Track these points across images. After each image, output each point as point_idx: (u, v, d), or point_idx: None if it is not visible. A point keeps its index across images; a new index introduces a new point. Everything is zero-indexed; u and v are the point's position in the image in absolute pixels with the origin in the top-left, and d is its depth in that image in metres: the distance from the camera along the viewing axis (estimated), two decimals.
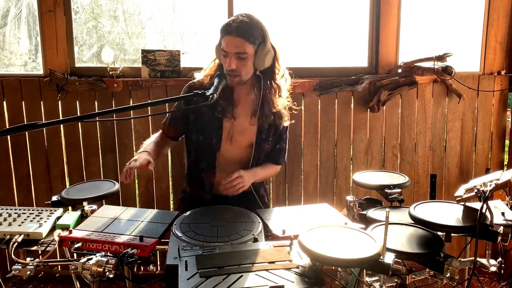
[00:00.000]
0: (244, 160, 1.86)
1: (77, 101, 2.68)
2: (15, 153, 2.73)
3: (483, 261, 1.56)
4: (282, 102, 1.84)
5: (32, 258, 1.40)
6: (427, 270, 1.38)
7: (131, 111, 2.43)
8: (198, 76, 1.86)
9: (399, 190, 1.80)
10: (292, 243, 1.30)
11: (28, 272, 1.36)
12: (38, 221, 1.54)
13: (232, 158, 1.85)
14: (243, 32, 1.65)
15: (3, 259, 2.73)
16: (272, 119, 1.81)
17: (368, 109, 2.79)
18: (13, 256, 1.37)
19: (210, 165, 1.84)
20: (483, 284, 2.80)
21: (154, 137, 1.93)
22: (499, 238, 1.39)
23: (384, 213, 1.19)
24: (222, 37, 1.69)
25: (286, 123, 1.88)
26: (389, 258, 1.16)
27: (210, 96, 1.50)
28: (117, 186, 1.86)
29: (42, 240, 1.47)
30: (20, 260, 1.38)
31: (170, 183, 2.84)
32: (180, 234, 1.40)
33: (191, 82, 1.88)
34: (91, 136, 2.73)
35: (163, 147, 1.93)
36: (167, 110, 2.55)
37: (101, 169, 2.77)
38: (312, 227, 1.29)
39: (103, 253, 1.34)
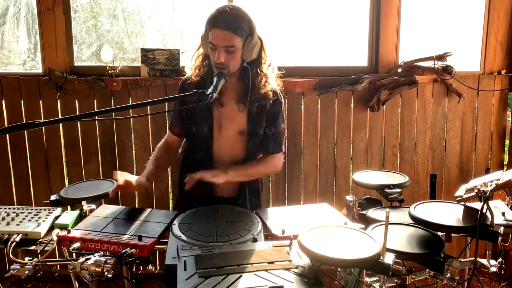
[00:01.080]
0: (236, 152, 1.85)
1: (76, 100, 2.67)
2: (14, 152, 2.73)
3: (483, 261, 1.56)
4: (269, 87, 1.82)
5: (31, 258, 1.40)
6: (427, 271, 1.38)
7: (130, 110, 2.42)
8: (188, 72, 1.86)
9: (399, 190, 1.79)
10: (292, 243, 1.29)
11: (27, 272, 1.35)
12: (36, 220, 1.54)
13: (225, 149, 1.84)
14: (232, 25, 1.64)
15: (1, 259, 2.72)
16: (260, 103, 1.80)
17: (368, 109, 2.79)
18: (11, 255, 1.36)
19: (205, 156, 1.83)
20: (483, 284, 2.80)
21: (157, 149, 1.94)
22: (500, 238, 1.38)
23: (384, 213, 1.19)
24: (210, 30, 1.68)
25: (272, 101, 1.81)
26: (389, 258, 1.16)
27: (210, 95, 1.50)
28: (116, 185, 1.85)
29: (40, 240, 1.46)
30: (18, 260, 1.37)
31: (170, 183, 2.83)
32: (179, 234, 1.39)
33: (184, 77, 1.88)
34: (90, 135, 2.72)
35: (165, 158, 1.94)
36: (166, 109, 2.55)
37: (100, 168, 2.76)
38: (311, 227, 1.29)
39: (102, 252, 1.33)
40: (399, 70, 2.78)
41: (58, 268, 1.44)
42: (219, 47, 1.66)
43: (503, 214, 1.55)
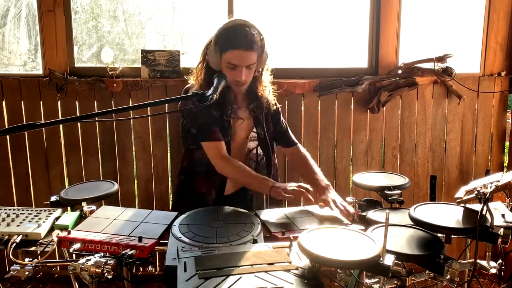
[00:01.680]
0: (240, 153, 1.91)
1: (77, 101, 2.67)
2: (14, 152, 2.73)
3: (483, 263, 1.56)
4: (268, 89, 1.89)
5: (31, 259, 1.40)
6: (427, 272, 1.38)
7: (131, 111, 2.43)
8: (193, 81, 1.86)
9: (399, 191, 1.79)
10: (292, 244, 1.29)
11: (27, 273, 1.36)
12: (36, 221, 1.54)
13: (235, 156, 1.87)
14: (250, 43, 1.65)
15: (2, 260, 2.72)
16: (264, 107, 1.87)
17: (368, 110, 2.79)
18: (11, 256, 1.37)
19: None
20: (483, 286, 2.80)
21: (234, 164, 1.77)
22: (499, 240, 1.38)
23: (384, 215, 1.19)
24: (228, 50, 1.66)
25: (274, 106, 1.94)
26: (389, 260, 1.16)
27: (210, 97, 1.49)
28: (116, 186, 1.86)
29: (40, 241, 1.46)
30: (18, 261, 1.37)
31: (170, 184, 2.83)
32: (179, 235, 1.39)
33: (189, 86, 1.88)
34: (91, 136, 2.72)
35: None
36: (166, 111, 2.55)
37: (100, 169, 2.76)
38: (311, 228, 1.29)
39: (102, 253, 1.33)
40: (399, 71, 2.79)
41: (58, 269, 1.44)
42: (241, 67, 1.67)
43: (503, 215, 1.55)
